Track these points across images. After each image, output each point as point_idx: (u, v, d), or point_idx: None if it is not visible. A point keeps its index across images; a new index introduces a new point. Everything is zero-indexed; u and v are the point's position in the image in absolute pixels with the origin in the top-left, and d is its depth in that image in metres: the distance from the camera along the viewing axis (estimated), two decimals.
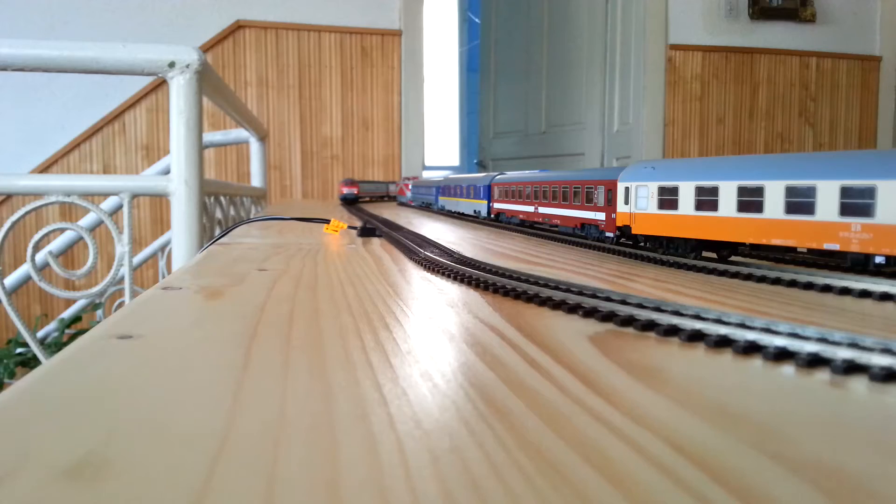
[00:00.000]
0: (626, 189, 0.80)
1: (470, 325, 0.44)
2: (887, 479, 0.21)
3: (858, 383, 0.30)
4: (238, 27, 3.35)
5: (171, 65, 1.11)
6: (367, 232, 1.11)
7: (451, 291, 0.57)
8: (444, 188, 1.90)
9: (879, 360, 0.31)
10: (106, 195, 1.50)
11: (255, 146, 2.49)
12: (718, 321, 0.39)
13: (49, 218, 3.06)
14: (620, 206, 0.82)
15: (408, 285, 0.61)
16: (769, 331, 0.36)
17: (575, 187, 1.00)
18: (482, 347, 0.38)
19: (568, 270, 0.70)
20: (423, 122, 3.67)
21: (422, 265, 0.72)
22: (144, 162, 3.25)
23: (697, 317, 0.40)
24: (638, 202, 0.78)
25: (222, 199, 1.70)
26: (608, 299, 0.46)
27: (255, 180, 2.49)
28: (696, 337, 0.38)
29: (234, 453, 0.23)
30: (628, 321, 0.42)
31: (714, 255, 0.74)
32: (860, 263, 0.56)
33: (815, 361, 0.33)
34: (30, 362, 2.14)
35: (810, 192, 0.57)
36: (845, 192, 0.54)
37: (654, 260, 0.77)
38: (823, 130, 3.95)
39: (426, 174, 3.62)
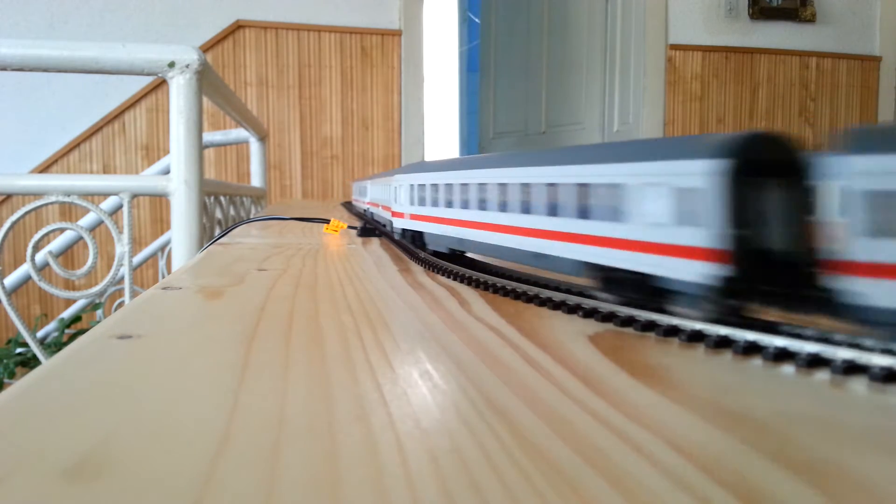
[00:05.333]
0: None
1: (470, 325, 0.44)
2: (887, 479, 0.21)
3: (858, 383, 0.30)
4: (238, 27, 3.35)
5: (171, 65, 1.11)
6: (367, 232, 1.11)
7: (451, 291, 0.57)
8: None
9: (879, 361, 0.31)
10: (106, 195, 1.50)
11: (254, 146, 2.49)
12: (719, 322, 0.39)
13: (49, 218, 3.06)
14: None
15: (408, 285, 0.61)
16: (769, 331, 0.36)
17: None
18: (482, 347, 0.38)
19: None
20: (423, 122, 3.67)
21: (422, 265, 0.72)
22: (144, 162, 3.24)
23: (697, 318, 0.40)
24: None
25: (222, 199, 1.70)
26: (608, 300, 0.46)
27: (255, 180, 2.49)
28: (696, 337, 0.38)
29: (234, 453, 0.23)
30: (628, 321, 0.42)
31: None
32: None
33: (815, 361, 0.33)
34: (30, 362, 2.14)
35: None
36: None
37: None
38: (823, 130, 3.95)
39: None
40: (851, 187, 0.29)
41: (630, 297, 0.42)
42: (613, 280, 0.43)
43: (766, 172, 0.34)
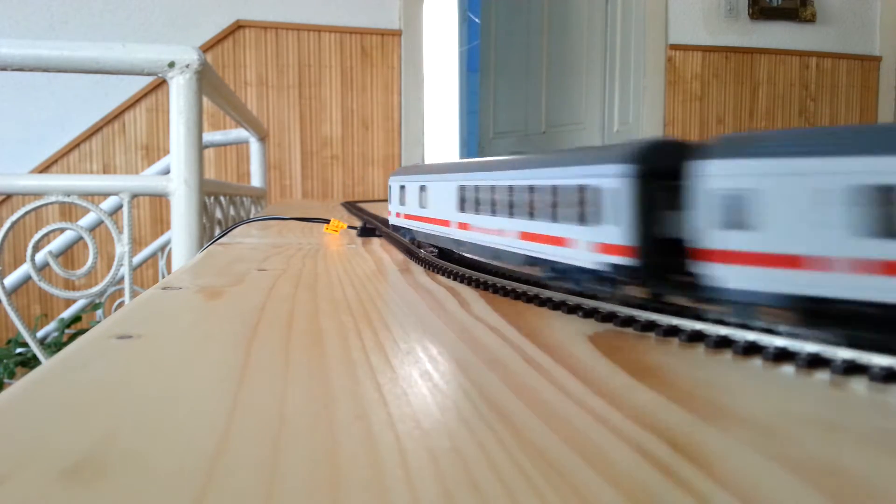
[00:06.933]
0: None
1: (470, 325, 0.44)
2: (887, 479, 0.21)
3: (858, 383, 0.30)
4: (238, 27, 3.35)
5: (171, 65, 1.11)
6: (367, 232, 1.11)
7: (451, 291, 0.57)
8: None
9: (879, 361, 0.31)
10: (106, 195, 1.50)
11: (254, 146, 2.49)
12: (719, 322, 0.39)
13: (49, 218, 3.06)
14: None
15: (408, 285, 0.61)
16: (769, 331, 0.36)
17: None
18: (482, 347, 0.38)
19: None
20: (423, 122, 3.67)
21: (422, 265, 0.72)
22: (144, 162, 3.24)
23: (698, 317, 0.40)
24: None
25: (222, 199, 1.70)
26: (608, 300, 0.46)
27: (255, 180, 2.49)
28: (696, 337, 0.38)
29: (234, 453, 0.23)
30: (628, 321, 0.42)
31: None
32: None
33: (815, 361, 0.33)
34: (30, 362, 2.14)
35: None
36: None
37: None
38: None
39: None
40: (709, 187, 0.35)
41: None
42: None
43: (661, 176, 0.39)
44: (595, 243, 0.42)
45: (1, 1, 3.09)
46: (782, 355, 0.34)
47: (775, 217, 0.31)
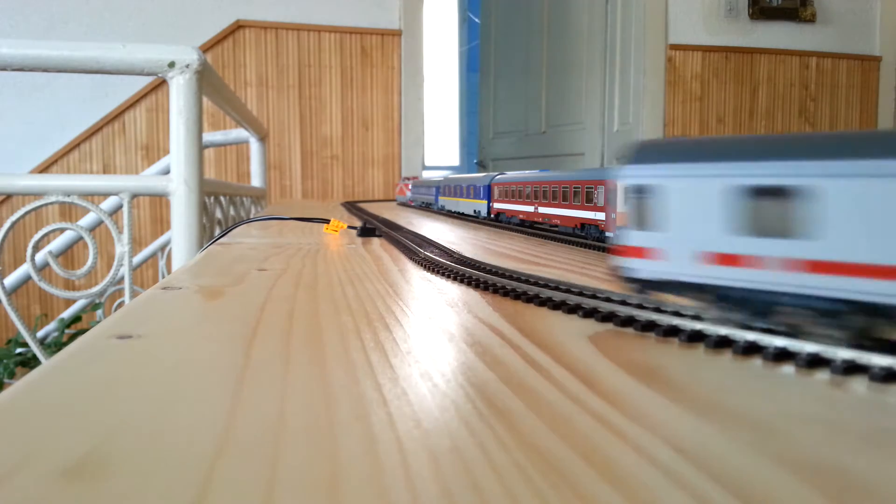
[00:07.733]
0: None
1: (470, 325, 0.44)
2: (887, 479, 0.21)
3: (858, 383, 0.30)
4: (238, 27, 3.35)
5: (171, 65, 1.11)
6: (366, 232, 1.11)
7: (451, 291, 0.57)
8: (444, 188, 1.90)
9: (879, 361, 0.31)
10: (106, 195, 1.50)
11: (254, 146, 2.49)
12: (718, 322, 0.39)
13: (49, 218, 3.06)
14: (620, 206, 0.82)
15: (407, 285, 0.61)
16: (769, 331, 0.36)
17: (575, 187, 1.00)
18: (482, 347, 0.38)
19: (568, 270, 0.70)
20: (423, 122, 3.67)
21: (422, 265, 0.72)
22: (144, 162, 3.25)
23: (697, 317, 0.40)
24: None
25: (222, 199, 1.70)
26: (608, 300, 0.46)
27: (255, 180, 2.49)
28: (696, 337, 0.38)
29: (234, 453, 0.23)
30: (628, 321, 0.42)
31: None
32: None
33: (815, 361, 0.33)
34: (30, 362, 2.14)
35: None
36: None
37: None
38: (823, 130, 3.96)
39: (426, 174, 3.62)
40: None
41: None
42: None
43: None
44: None
45: (1, 1, 3.09)
46: (782, 355, 0.34)
47: None
